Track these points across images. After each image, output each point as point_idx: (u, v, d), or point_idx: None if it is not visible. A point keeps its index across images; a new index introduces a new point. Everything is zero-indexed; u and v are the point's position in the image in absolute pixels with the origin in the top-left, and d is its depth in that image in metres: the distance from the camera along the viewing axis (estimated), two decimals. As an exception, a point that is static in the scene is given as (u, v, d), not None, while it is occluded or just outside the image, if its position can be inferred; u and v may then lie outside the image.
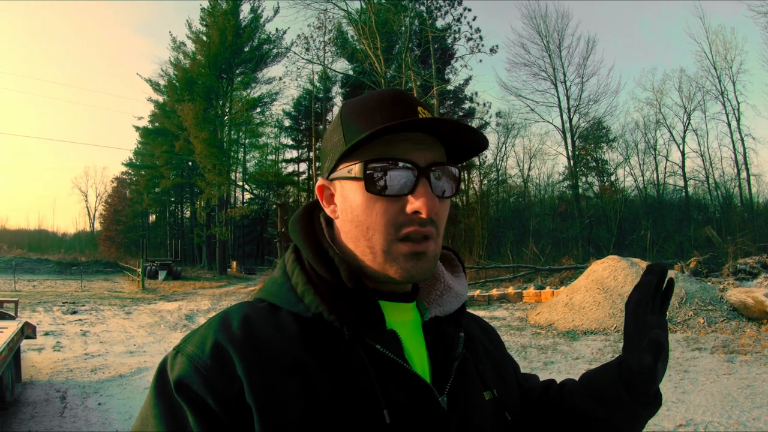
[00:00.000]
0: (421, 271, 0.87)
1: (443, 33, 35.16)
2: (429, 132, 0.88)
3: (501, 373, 1.08)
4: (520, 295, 17.59)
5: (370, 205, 0.87)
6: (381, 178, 0.85)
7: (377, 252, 0.87)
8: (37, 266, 40.30)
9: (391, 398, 0.82)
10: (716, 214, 35.89)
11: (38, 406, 6.92)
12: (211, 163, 36.23)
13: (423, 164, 0.86)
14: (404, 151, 0.86)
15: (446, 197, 0.90)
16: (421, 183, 0.85)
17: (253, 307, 0.90)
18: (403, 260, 0.86)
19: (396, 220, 0.86)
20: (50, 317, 15.79)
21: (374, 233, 0.87)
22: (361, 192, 0.87)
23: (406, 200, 0.85)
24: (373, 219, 0.87)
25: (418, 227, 0.85)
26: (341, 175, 0.91)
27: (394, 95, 0.92)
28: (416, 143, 0.87)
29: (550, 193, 43.54)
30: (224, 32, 39.38)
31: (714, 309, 11.26)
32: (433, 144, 0.89)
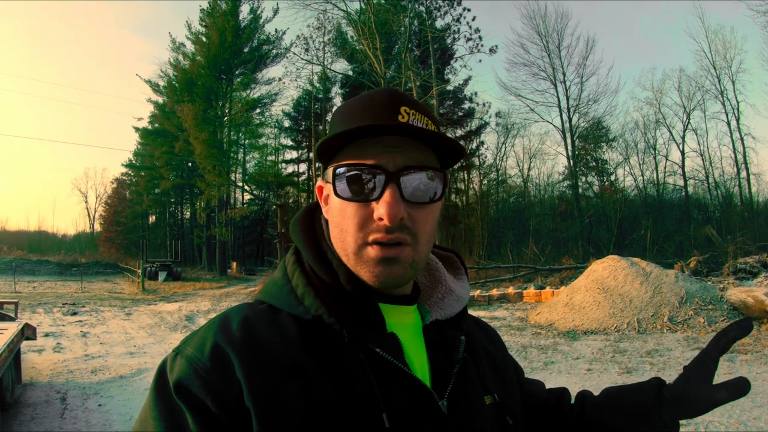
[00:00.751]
0: (392, 276, 0.85)
1: (443, 33, 35.16)
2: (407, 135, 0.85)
3: (502, 376, 1.07)
4: (520, 295, 17.59)
5: (343, 208, 0.87)
6: (349, 183, 0.85)
7: (349, 254, 0.87)
8: (37, 267, 40.31)
9: (391, 402, 0.81)
10: (716, 214, 35.90)
11: (38, 407, 6.91)
12: (210, 164, 36.22)
13: (392, 169, 0.84)
14: (374, 155, 0.85)
15: (427, 202, 0.87)
16: (388, 188, 0.83)
17: (253, 309, 0.90)
18: (372, 264, 0.85)
19: (364, 224, 0.85)
20: (50, 318, 15.78)
21: (347, 235, 0.87)
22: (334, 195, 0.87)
23: (374, 205, 0.84)
24: (346, 222, 0.86)
25: (384, 234, 0.83)
26: (326, 177, 0.92)
27: (380, 95, 0.90)
28: (389, 147, 0.85)
29: (550, 193, 43.60)
30: (224, 33, 39.38)
31: (714, 308, 11.26)
32: (414, 148, 0.86)
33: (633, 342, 10.18)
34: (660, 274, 12.54)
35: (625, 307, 11.82)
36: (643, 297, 11.89)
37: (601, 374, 8.11)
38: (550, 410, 1.18)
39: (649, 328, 11.04)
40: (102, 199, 71.05)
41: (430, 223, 0.89)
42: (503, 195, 44.42)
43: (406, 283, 0.91)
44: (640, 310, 11.56)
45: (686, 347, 9.53)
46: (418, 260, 0.88)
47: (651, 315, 11.37)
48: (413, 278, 0.91)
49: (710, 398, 0.96)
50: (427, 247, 0.89)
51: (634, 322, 11.29)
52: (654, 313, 11.39)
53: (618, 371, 8.20)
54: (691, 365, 1.01)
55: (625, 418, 1.03)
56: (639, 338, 10.44)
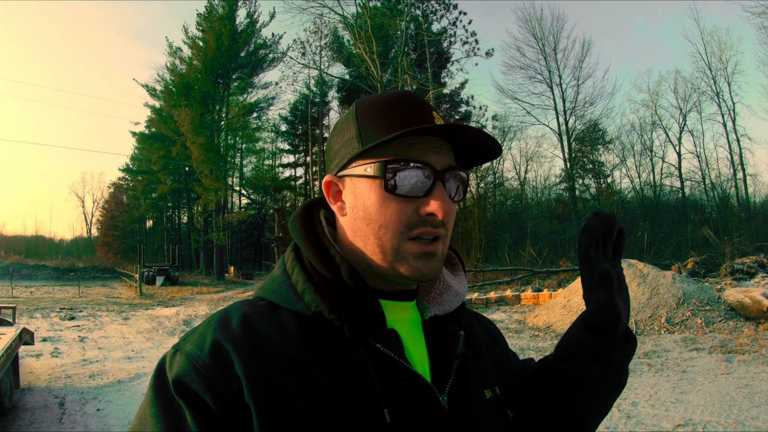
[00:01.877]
0: (430, 270, 0.88)
1: (439, 37, 35.27)
2: (445, 137, 0.91)
3: (502, 370, 1.07)
4: (518, 297, 17.59)
5: (385, 204, 0.87)
6: (399, 179, 0.86)
7: (387, 250, 0.88)
8: (34, 272, 40.13)
9: (392, 397, 0.81)
10: (713, 215, 35.95)
11: (37, 412, 6.90)
12: (208, 168, 36.19)
13: (440, 168, 0.88)
14: (422, 154, 0.87)
15: (456, 201, 0.93)
16: (437, 186, 0.87)
17: (253, 306, 0.90)
18: (413, 259, 0.87)
19: (409, 220, 0.87)
20: (48, 323, 15.73)
21: (386, 232, 0.88)
22: (377, 190, 0.88)
23: (419, 201, 0.87)
24: (386, 218, 0.87)
25: (431, 228, 0.87)
26: (355, 172, 0.91)
27: (409, 97, 0.93)
28: (433, 147, 0.88)
29: (547, 196, 43.58)
30: (220, 37, 39.43)
31: (711, 309, 11.28)
32: (448, 149, 0.91)
33: (631, 343, 10.18)
34: (657, 275, 12.55)
35: (623, 308, 11.82)
36: (641, 298, 11.90)
37: (599, 375, 8.11)
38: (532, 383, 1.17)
39: (646, 329, 11.05)
40: (99, 203, 70.83)
41: (454, 219, 0.94)
42: (500, 198, 44.41)
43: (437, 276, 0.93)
44: (638, 312, 11.58)
45: (684, 348, 9.55)
46: (445, 253, 0.93)
47: (648, 316, 11.38)
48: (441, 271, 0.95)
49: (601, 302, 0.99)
50: (449, 240, 0.94)
51: (631, 323, 11.30)
52: (651, 315, 11.40)
53: (616, 372, 8.19)
54: (581, 281, 1.04)
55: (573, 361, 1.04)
56: (636, 339, 10.44)
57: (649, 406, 6.52)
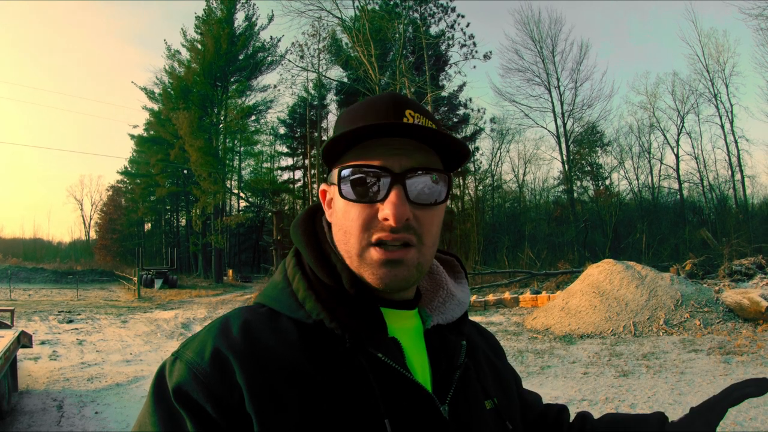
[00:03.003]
0: (397, 279, 0.85)
1: (437, 40, 35.34)
2: (410, 137, 0.86)
3: (501, 382, 1.07)
4: (516, 299, 17.58)
5: (348, 210, 0.87)
6: (354, 184, 0.85)
7: (353, 256, 0.87)
8: (32, 275, 40.06)
9: (393, 407, 0.81)
10: (711, 216, 36.01)
11: (35, 415, 6.88)
12: (206, 171, 36.16)
13: (398, 170, 0.84)
14: (380, 157, 0.85)
15: (432, 204, 0.87)
16: (394, 189, 0.83)
17: (253, 313, 0.89)
18: (376, 266, 0.85)
19: (369, 224, 0.85)
20: (46, 326, 15.69)
21: (350, 237, 0.87)
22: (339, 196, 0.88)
23: (378, 206, 0.84)
24: (349, 223, 0.86)
25: (389, 233, 0.83)
26: (330, 179, 0.92)
27: (385, 98, 0.91)
28: (395, 149, 0.85)
29: (546, 198, 43.67)
30: (219, 40, 39.43)
31: (710, 311, 11.28)
32: (419, 150, 0.87)
33: (629, 345, 10.19)
34: (655, 277, 12.56)
35: (621, 310, 11.84)
36: (639, 300, 11.91)
37: (597, 378, 8.12)
38: (547, 425, 1.18)
39: (645, 331, 11.05)
40: (97, 206, 70.77)
41: (435, 226, 0.89)
42: (499, 200, 44.48)
43: (411, 286, 0.91)
44: (636, 314, 11.58)
45: (682, 350, 9.55)
46: (423, 263, 0.88)
47: (647, 318, 11.38)
48: (418, 281, 0.91)
49: None
50: (432, 249, 0.90)
51: (630, 325, 11.30)
52: (650, 316, 11.40)
53: (614, 374, 8.21)
54: (698, 408, 1.03)
55: None
56: (635, 341, 10.45)
57: (648, 407, 6.53)
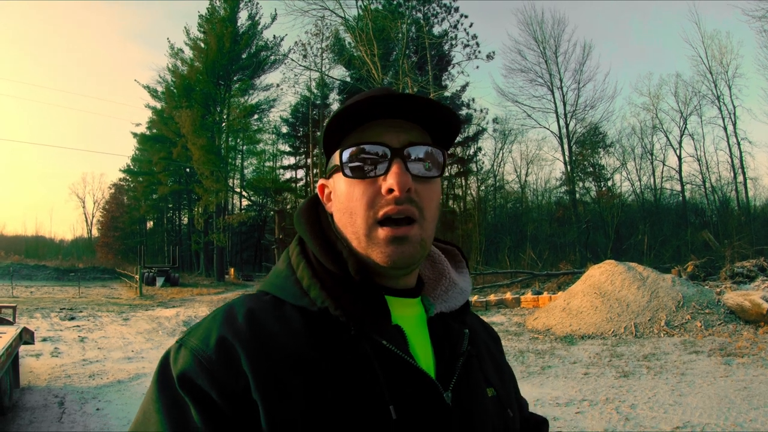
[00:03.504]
0: (404, 256, 0.87)
1: (440, 40, 35.29)
2: (404, 117, 0.90)
3: (501, 372, 1.08)
4: (517, 300, 17.60)
5: (351, 190, 0.89)
6: (356, 163, 0.87)
7: (360, 236, 0.88)
8: (34, 272, 40.06)
9: (397, 394, 0.82)
10: (713, 218, 35.95)
11: (36, 411, 6.90)
12: (208, 170, 36.18)
13: (397, 145, 0.87)
14: (378, 135, 0.88)
15: (428, 177, 0.90)
16: (394, 162, 0.86)
17: (258, 300, 0.90)
18: (384, 244, 0.86)
19: (374, 201, 0.87)
20: (48, 323, 15.73)
21: (356, 217, 0.88)
22: (343, 179, 0.90)
23: (380, 181, 0.87)
24: (354, 203, 0.88)
25: (394, 206, 0.85)
26: (330, 169, 0.94)
27: (378, 89, 0.93)
28: (390, 126, 0.89)
29: (548, 199, 43.66)
30: (222, 39, 39.44)
31: (711, 312, 11.27)
32: (412, 128, 0.90)
33: (630, 346, 10.19)
34: (657, 278, 12.55)
35: (623, 311, 11.84)
36: (640, 301, 11.90)
37: (598, 378, 8.12)
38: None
39: (646, 332, 11.05)
40: (100, 204, 70.65)
41: (434, 200, 0.92)
42: (501, 201, 44.46)
43: (417, 263, 0.92)
44: (637, 315, 11.57)
45: (683, 351, 9.55)
46: (426, 238, 0.90)
47: (648, 319, 11.38)
48: (423, 258, 0.92)
49: None
50: (432, 225, 0.92)
51: (631, 326, 11.30)
52: (651, 318, 11.40)
53: (615, 375, 8.20)
54: None
55: None
56: (636, 342, 10.45)
57: (648, 408, 6.53)
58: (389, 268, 0.88)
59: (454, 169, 43.64)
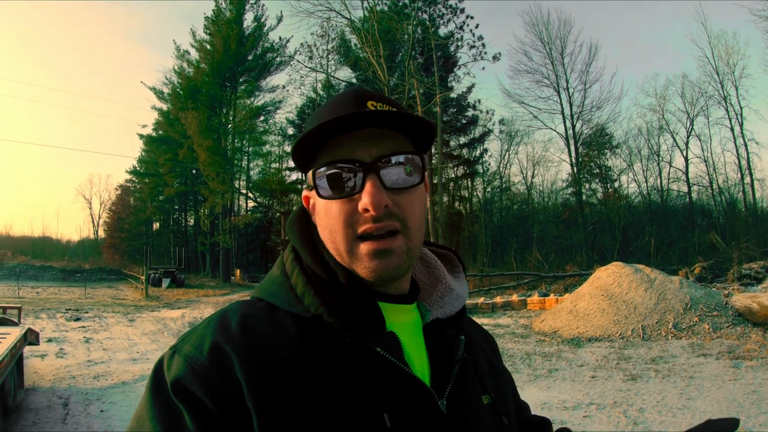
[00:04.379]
0: (388, 269, 0.85)
1: (446, 41, 35.30)
2: (377, 125, 0.86)
3: (498, 378, 1.07)
4: (524, 302, 17.57)
5: (328, 209, 0.87)
6: (329, 181, 0.85)
7: (343, 253, 0.87)
8: (40, 273, 40.33)
9: (392, 402, 0.81)
10: (720, 220, 35.89)
11: (41, 412, 6.91)
12: (214, 171, 36.36)
13: (369, 159, 0.85)
14: (349, 151, 0.85)
15: (408, 187, 0.87)
16: (368, 179, 0.84)
17: (251, 307, 0.89)
18: (367, 260, 0.85)
19: (351, 219, 0.85)
20: (53, 324, 15.79)
21: (336, 234, 0.87)
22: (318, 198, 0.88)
23: (357, 198, 0.85)
24: (332, 221, 0.87)
25: (372, 224, 0.84)
26: (307, 185, 0.93)
27: (347, 94, 0.92)
28: (362, 140, 0.86)
29: (554, 200, 43.63)
30: (228, 41, 39.63)
31: (719, 315, 11.21)
32: (386, 137, 0.87)
33: (637, 349, 10.14)
34: (664, 280, 12.50)
35: (630, 313, 11.78)
36: (648, 304, 11.85)
37: (605, 381, 8.07)
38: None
39: (653, 334, 10.99)
40: (106, 205, 71.22)
41: (417, 207, 0.89)
42: (507, 202, 44.49)
43: (404, 274, 0.90)
44: (645, 317, 11.52)
45: (691, 354, 9.49)
46: (413, 247, 0.88)
47: (655, 322, 11.32)
48: (410, 268, 0.91)
49: None
50: (418, 233, 0.90)
51: (638, 328, 11.24)
52: (658, 320, 11.34)
53: (622, 378, 8.16)
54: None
55: None
56: (643, 345, 10.40)
57: (656, 412, 6.48)
58: (374, 281, 0.87)
59: (461, 170, 43.68)
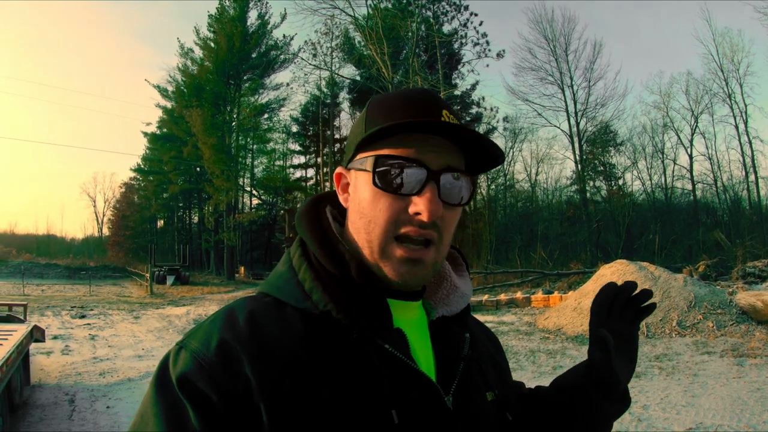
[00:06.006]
0: (415, 277, 0.86)
1: (450, 38, 35.26)
2: (447, 137, 0.87)
3: (502, 375, 1.08)
4: (528, 299, 17.56)
5: (376, 199, 0.86)
6: (390, 174, 0.85)
7: (374, 247, 0.87)
8: (45, 271, 40.36)
9: (399, 398, 0.81)
10: (725, 218, 35.77)
11: (47, 408, 6.95)
12: (219, 169, 36.38)
13: (435, 167, 0.85)
14: (418, 152, 0.85)
15: (457, 205, 0.89)
16: (429, 185, 0.84)
17: (259, 303, 0.89)
18: (397, 263, 0.86)
19: (397, 217, 0.85)
20: (59, 321, 15.85)
21: (375, 227, 0.86)
22: (370, 184, 0.87)
23: (409, 200, 0.84)
24: (376, 213, 0.86)
25: (417, 228, 0.84)
26: (356, 165, 0.91)
27: (421, 95, 0.91)
28: (433, 145, 0.86)
29: (558, 198, 43.58)
30: (232, 38, 39.58)
31: (723, 313, 11.19)
32: (451, 149, 0.88)
33: (642, 346, 10.12)
34: (668, 278, 12.48)
35: (634, 311, 11.76)
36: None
37: (609, 378, 8.07)
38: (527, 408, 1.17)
39: (657, 332, 10.98)
40: (110, 203, 71.20)
41: (454, 226, 0.91)
42: (511, 200, 44.43)
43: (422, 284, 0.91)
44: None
45: (695, 351, 9.48)
46: (439, 261, 0.90)
47: (660, 319, 11.31)
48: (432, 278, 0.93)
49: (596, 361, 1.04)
50: (447, 249, 0.91)
51: (642, 326, 11.22)
52: (663, 318, 11.33)
53: (626, 375, 8.15)
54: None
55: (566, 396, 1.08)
56: (648, 342, 10.39)
57: (660, 409, 6.48)
58: (398, 285, 0.88)
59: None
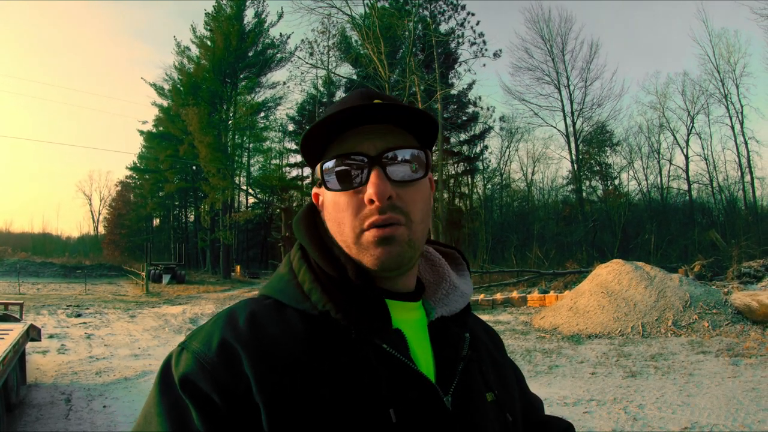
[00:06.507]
0: (392, 256, 0.86)
1: (447, 37, 35.30)
2: (381, 121, 0.90)
3: (501, 375, 1.07)
4: (524, 299, 17.59)
5: (336, 201, 0.89)
6: (338, 174, 0.88)
7: (351, 244, 0.88)
8: (41, 269, 40.23)
9: (398, 398, 0.81)
10: (720, 218, 35.93)
11: (43, 408, 6.92)
12: (215, 168, 36.34)
13: (374, 153, 0.87)
14: (355, 145, 0.88)
15: (410, 181, 0.89)
16: (373, 170, 0.86)
17: (259, 304, 0.90)
18: (372, 248, 0.86)
19: (359, 211, 0.87)
20: (55, 320, 15.80)
21: (344, 227, 0.89)
22: (328, 191, 0.91)
23: (363, 191, 0.87)
24: (341, 214, 0.89)
25: (378, 215, 0.85)
26: (317, 180, 0.95)
27: (355, 94, 0.94)
28: (368, 134, 0.89)
29: (554, 197, 43.62)
30: (228, 37, 39.54)
31: (718, 312, 11.23)
32: (390, 132, 0.90)
33: (637, 346, 10.16)
34: (664, 278, 12.51)
35: (630, 311, 11.80)
36: (648, 301, 11.86)
37: (605, 378, 8.09)
38: None
39: (653, 332, 11.01)
40: (106, 201, 71.03)
41: (421, 201, 0.91)
42: (507, 199, 44.47)
43: (407, 265, 0.91)
44: (645, 314, 11.54)
45: (690, 351, 9.51)
46: (415, 239, 0.89)
47: (655, 319, 11.34)
48: (413, 260, 0.92)
49: None
50: (422, 226, 0.91)
51: (638, 326, 11.26)
52: (658, 317, 11.36)
53: (622, 375, 8.18)
54: None
55: None
56: (643, 342, 10.42)
57: (656, 408, 6.50)
58: (379, 270, 0.88)
59: (461, 167, 43.65)
